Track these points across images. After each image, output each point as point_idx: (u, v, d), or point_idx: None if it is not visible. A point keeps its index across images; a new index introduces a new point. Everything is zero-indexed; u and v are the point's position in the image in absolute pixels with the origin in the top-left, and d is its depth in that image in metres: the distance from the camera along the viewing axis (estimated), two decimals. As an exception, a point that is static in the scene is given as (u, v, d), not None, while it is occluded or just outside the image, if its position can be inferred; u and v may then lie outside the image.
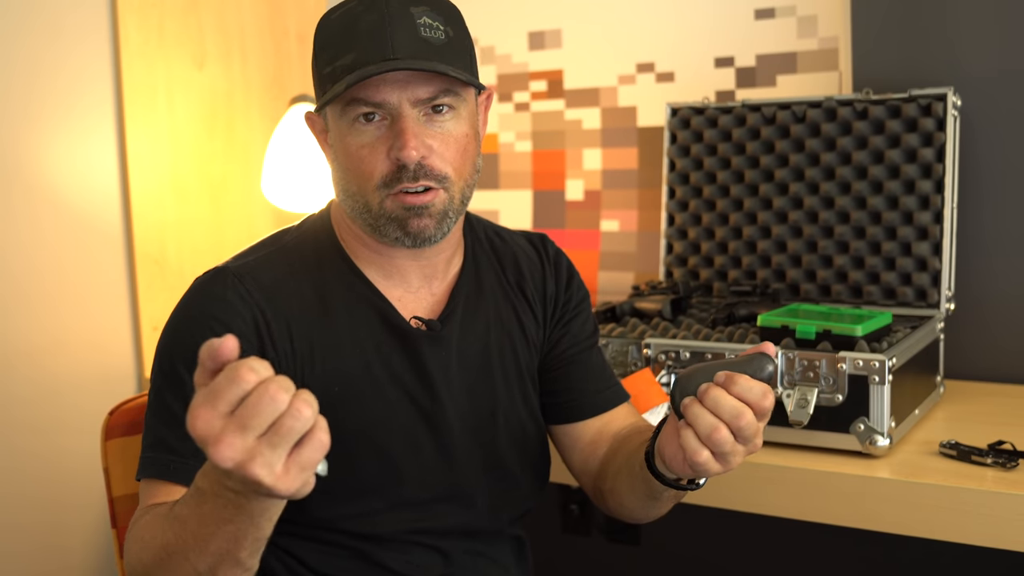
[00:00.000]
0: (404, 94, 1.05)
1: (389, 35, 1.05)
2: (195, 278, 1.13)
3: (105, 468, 1.31)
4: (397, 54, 1.04)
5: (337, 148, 1.11)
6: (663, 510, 1.17)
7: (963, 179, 1.76)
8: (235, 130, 2.24)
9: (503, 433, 1.20)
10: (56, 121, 1.93)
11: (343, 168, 1.10)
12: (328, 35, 1.10)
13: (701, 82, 2.04)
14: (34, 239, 1.90)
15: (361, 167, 1.08)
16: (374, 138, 1.07)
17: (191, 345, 1.03)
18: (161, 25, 2.08)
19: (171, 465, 1.03)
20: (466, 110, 1.10)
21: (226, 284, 1.08)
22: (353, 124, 1.07)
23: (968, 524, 1.27)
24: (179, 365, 1.06)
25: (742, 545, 1.84)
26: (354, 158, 1.08)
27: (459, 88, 1.08)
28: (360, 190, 1.09)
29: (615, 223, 2.16)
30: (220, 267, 1.12)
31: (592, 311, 1.33)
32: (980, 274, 1.78)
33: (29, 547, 1.88)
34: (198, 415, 0.75)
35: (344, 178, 1.11)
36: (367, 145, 1.07)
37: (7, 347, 1.86)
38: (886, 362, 1.37)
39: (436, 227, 1.09)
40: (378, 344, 1.13)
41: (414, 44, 1.05)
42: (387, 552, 1.12)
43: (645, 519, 1.20)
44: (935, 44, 1.78)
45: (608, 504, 1.23)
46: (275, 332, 1.08)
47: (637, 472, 1.11)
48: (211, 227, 2.19)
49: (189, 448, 1.02)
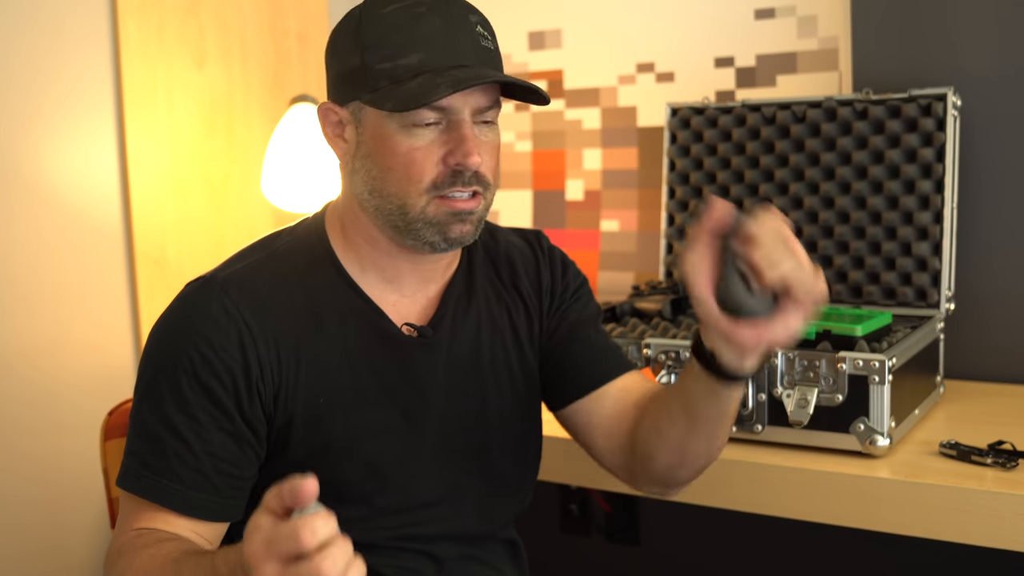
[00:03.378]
0: (468, 101, 1.06)
1: (456, 41, 1.05)
2: (186, 283, 1.12)
3: (104, 468, 1.31)
4: (467, 61, 1.04)
5: (376, 146, 1.08)
6: (725, 428, 1.10)
7: (963, 179, 1.76)
8: (235, 130, 2.23)
9: (495, 435, 1.20)
10: (56, 121, 1.93)
11: (383, 168, 1.07)
12: (385, 31, 1.06)
13: (701, 82, 2.04)
14: (34, 239, 1.90)
15: (410, 169, 1.06)
16: (429, 142, 1.06)
17: (171, 358, 1.05)
18: (161, 25, 2.08)
19: (143, 479, 1.05)
20: (498, 121, 1.12)
21: (211, 297, 1.07)
22: (411, 127, 1.05)
23: (968, 524, 1.27)
24: (159, 378, 1.06)
25: (742, 545, 1.84)
26: (403, 159, 1.06)
27: (500, 100, 1.10)
28: (401, 191, 1.07)
29: (615, 223, 2.16)
30: (208, 277, 1.11)
31: (592, 294, 1.31)
32: (980, 274, 1.78)
33: (29, 547, 1.88)
34: (257, 553, 0.78)
35: (382, 178, 1.08)
36: (421, 148, 1.06)
37: (7, 347, 1.86)
38: (886, 362, 1.37)
39: (473, 232, 1.10)
40: (368, 353, 1.13)
41: (477, 52, 1.06)
42: (378, 558, 1.12)
43: (704, 458, 1.13)
44: (935, 44, 1.78)
45: (654, 468, 1.16)
46: (260, 346, 1.07)
47: (689, 393, 1.07)
48: (211, 227, 2.19)
49: (162, 466, 1.03)
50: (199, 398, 1.04)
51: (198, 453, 1.04)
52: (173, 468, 1.03)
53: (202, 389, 1.04)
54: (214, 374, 1.04)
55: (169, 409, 1.04)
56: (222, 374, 1.05)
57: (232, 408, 1.05)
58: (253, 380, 1.06)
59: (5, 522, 1.84)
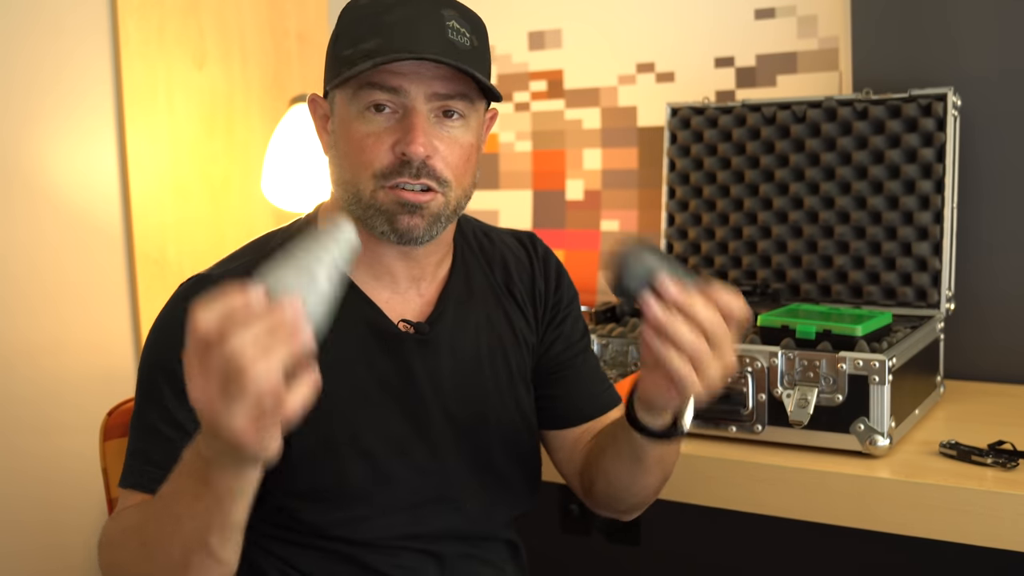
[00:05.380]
0: (421, 87, 1.04)
1: (417, 29, 1.04)
2: (180, 283, 1.12)
3: (104, 468, 1.31)
4: (423, 49, 1.03)
5: (339, 134, 1.09)
6: (650, 479, 1.15)
7: (963, 179, 1.76)
8: (235, 130, 2.24)
9: (495, 436, 1.20)
10: (56, 121, 1.93)
11: (341, 154, 1.08)
12: (352, 20, 1.07)
13: (701, 82, 2.04)
14: (34, 239, 1.90)
15: (361, 155, 1.06)
16: (381, 128, 1.05)
17: (168, 356, 1.05)
18: (161, 25, 2.08)
19: (148, 475, 1.04)
20: (475, 121, 1.10)
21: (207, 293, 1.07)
22: (363, 112, 1.06)
23: (968, 524, 1.27)
24: (157, 375, 1.06)
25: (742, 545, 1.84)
26: (356, 145, 1.06)
27: (473, 96, 1.08)
28: (354, 178, 1.07)
29: (615, 223, 2.16)
30: (203, 274, 1.11)
31: (581, 311, 1.33)
32: (980, 274, 1.78)
33: (29, 546, 1.88)
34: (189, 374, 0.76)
35: (340, 165, 1.09)
36: (372, 134, 1.05)
37: (7, 347, 1.86)
38: (886, 362, 1.37)
39: (426, 229, 1.08)
40: (366, 350, 1.12)
41: (441, 43, 1.04)
42: (379, 556, 1.12)
43: (633, 497, 1.18)
44: (935, 44, 1.78)
45: (595, 491, 1.22)
46: None
47: (620, 436, 1.10)
48: (211, 227, 2.19)
49: (168, 460, 1.02)
50: None
51: None
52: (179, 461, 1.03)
53: None
54: None
55: (171, 405, 1.04)
56: None
57: None
58: None
59: (6, 521, 1.84)
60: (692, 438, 1.51)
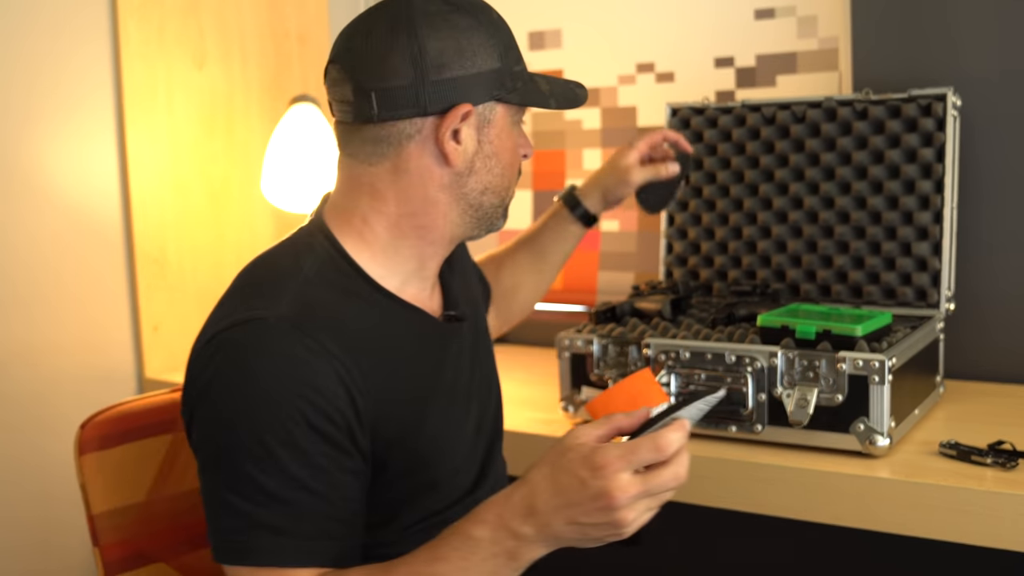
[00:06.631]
0: None
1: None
2: (231, 332, 1.00)
3: (82, 484, 1.22)
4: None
5: (500, 144, 1.12)
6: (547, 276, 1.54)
7: (963, 179, 1.76)
8: (235, 130, 2.24)
9: (500, 414, 1.28)
10: (57, 121, 1.93)
11: (504, 164, 1.13)
12: (509, 35, 1.19)
13: (701, 82, 2.04)
14: (35, 239, 1.90)
15: (516, 163, 1.15)
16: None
17: (282, 418, 0.97)
18: (161, 25, 2.08)
19: (287, 548, 0.98)
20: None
21: (290, 339, 0.99)
22: (518, 123, 1.16)
23: (968, 524, 1.27)
24: (267, 438, 0.98)
25: (742, 545, 1.84)
26: (515, 155, 1.15)
27: None
28: (510, 184, 1.15)
29: (615, 223, 2.16)
30: (263, 320, 1.00)
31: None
32: (980, 274, 1.78)
33: (29, 546, 1.88)
34: (610, 464, 0.91)
35: (503, 174, 1.13)
36: (520, 144, 1.17)
37: (7, 346, 1.86)
38: (886, 362, 1.37)
39: None
40: (425, 352, 1.13)
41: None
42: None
43: (536, 284, 1.53)
44: (935, 44, 1.78)
45: (509, 296, 1.50)
46: (354, 375, 1.02)
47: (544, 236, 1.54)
48: (211, 227, 2.19)
49: (307, 529, 0.98)
50: (316, 446, 0.99)
51: (334, 501, 1.00)
52: (317, 525, 0.99)
53: (318, 436, 0.99)
54: (327, 417, 0.99)
55: (291, 468, 0.98)
56: (334, 415, 1.00)
57: (348, 445, 1.01)
58: (360, 412, 1.02)
59: (4, 520, 1.84)
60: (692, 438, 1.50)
